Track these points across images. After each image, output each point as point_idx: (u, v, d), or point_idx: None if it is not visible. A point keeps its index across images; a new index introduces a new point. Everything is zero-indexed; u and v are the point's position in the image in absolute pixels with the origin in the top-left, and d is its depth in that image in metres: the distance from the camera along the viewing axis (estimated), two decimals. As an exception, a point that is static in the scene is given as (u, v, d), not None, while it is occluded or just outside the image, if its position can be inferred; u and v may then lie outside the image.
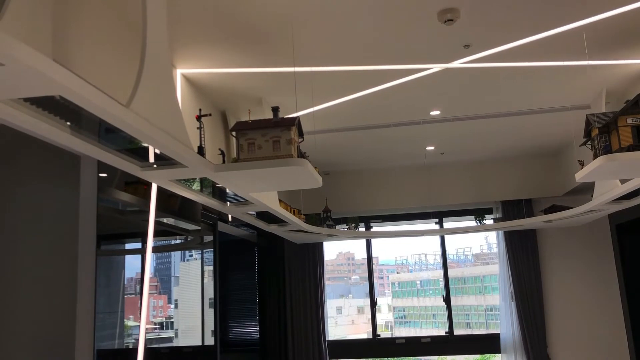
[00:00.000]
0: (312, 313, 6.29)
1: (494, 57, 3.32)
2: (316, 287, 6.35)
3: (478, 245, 8.30)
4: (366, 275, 6.71)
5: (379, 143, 5.26)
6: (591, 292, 6.11)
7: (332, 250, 6.50)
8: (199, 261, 5.88)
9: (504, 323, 6.12)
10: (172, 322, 5.36)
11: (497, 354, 6.25)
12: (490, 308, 7.73)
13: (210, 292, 5.66)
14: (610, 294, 6.09)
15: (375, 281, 7.78)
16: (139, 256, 4.24)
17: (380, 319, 7.77)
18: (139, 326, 3.99)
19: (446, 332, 6.40)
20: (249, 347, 6.39)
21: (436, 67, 3.44)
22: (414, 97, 4.05)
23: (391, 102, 4.11)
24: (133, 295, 3.99)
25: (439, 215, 6.54)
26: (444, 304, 6.51)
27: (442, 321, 7.37)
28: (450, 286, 6.60)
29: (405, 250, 8.00)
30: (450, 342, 6.34)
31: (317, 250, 6.44)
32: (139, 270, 4.10)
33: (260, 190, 3.10)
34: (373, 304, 6.57)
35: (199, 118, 2.52)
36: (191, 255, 5.92)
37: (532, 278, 6.06)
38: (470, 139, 5.34)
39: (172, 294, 5.62)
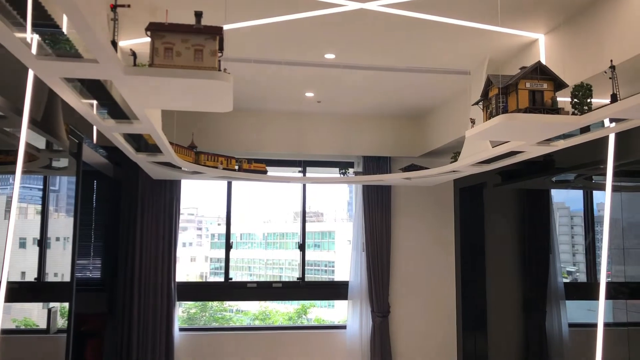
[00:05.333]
0: (163, 253, 5.97)
1: (408, 5, 3.33)
2: (170, 227, 6.02)
3: (314, 204, 8.46)
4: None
5: (262, 81, 5.05)
6: (431, 248, 6.68)
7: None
8: (3, 197, 5.17)
9: (353, 272, 6.43)
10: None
11: (344, 300, 6.53)
12: (312, 263, 8.07)
13: (24, 231, 5.01)
14: (447, 251, 6.72)
15: (194, 231, 7.68)
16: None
17: (196, 268, 7.74)
18: None
19: (298, 278, 6.54)
20: (90, 287, 5.90)
21: (351, 5, 3.34)
22: (314, 36, 3.92)
23: (289, 37, 3.93)
24: None
25: (304, 165, 6.57)
26: (261, 256, 7.09)
27: (256, 273, 7.58)
28: (273, 240, 6.99)
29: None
30: (301, 288, 6.50)
31: (174, 187, 6.09)
32: None
33: (162, 105, 2.77)
34: (228, 247, 6.43)
35: (114, 7, 2.12)
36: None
37: (383, 231, 6.41)
38: (348, 91, 5.38)
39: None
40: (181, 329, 6.17)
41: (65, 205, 5.58)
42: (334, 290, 6.58)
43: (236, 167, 5.19)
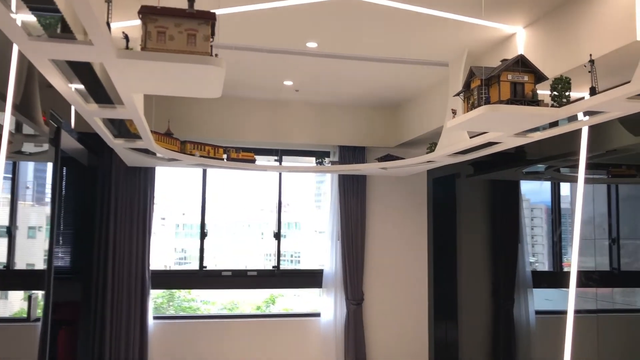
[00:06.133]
0: (138, 241, 5.90)
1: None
2: (145, 214, 5.95)
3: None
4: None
5: (242, 68, 5.02)
6: (405, 237, 6.78)
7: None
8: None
9: (329, 260, 6.48)
10: None
11: (313, 289, 6.61)
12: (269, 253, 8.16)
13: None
14: (420, 240, 6.84)
15: (158, 221, 7.62)
16: None
17: (159, 258, 7.71)
18: None
19: (273, 267, 6.56)
20: (59, 275, 5.79)
21: (338, -6, 3.36)
22: (298, 23, 3.91)
23: (271, 25, 3.92)
24: None
25: (280, 153, 6.58)
26: (227, 245, 7.10)
27: (222, 261, 7.61)
28: (239, 229, 7.18)
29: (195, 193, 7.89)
30: (276, 276, 6.52)
31: (148, 175, 6.01)
32: None
33: (150, 90, 2.74)
34: (203, 235, 6.40)
35: (108, -12, 2.09)
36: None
37: (358, 220, 6.48)
38: (327, 80, 5.40)
39: None
40: (155, 317, 6.13)
41: (25, 192, 5.47)
42: (309, 279, 6.62)
43: (224, 157, 5.16)
